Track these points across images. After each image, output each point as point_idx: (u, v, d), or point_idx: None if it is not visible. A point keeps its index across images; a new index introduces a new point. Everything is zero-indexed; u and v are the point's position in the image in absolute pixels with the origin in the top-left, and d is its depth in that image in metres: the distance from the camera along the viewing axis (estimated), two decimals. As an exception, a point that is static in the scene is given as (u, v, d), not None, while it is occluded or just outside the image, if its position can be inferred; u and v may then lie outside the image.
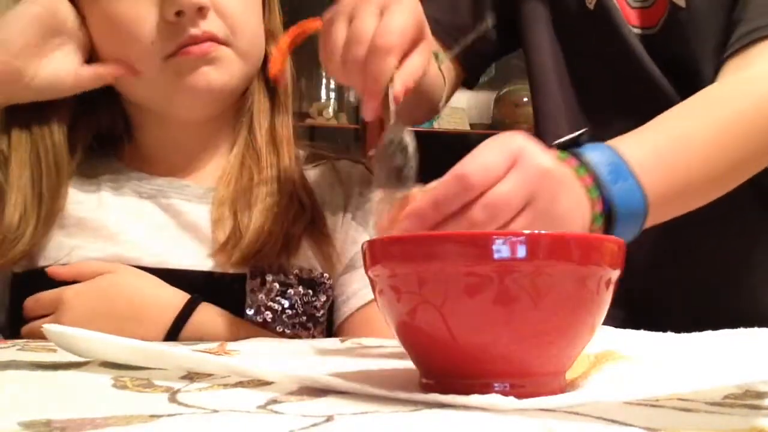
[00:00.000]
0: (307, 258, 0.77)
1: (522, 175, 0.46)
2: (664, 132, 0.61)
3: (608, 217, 0.54)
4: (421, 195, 0.48)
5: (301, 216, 0.77)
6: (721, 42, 0.72)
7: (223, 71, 0.72)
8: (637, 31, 0.78)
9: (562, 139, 0.57)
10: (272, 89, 0.81)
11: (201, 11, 0.69)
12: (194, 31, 0.69)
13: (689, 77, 0.73)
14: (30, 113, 0.73)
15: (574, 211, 0.51)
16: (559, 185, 0.49)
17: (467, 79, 0.94)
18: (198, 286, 0.71)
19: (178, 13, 0.68)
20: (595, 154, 0.55)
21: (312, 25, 0.68)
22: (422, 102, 0.83)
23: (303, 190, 0.79)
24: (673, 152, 0.59)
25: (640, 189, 0.55)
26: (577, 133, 0.58)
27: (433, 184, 0.47)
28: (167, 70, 0.70)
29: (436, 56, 0.73)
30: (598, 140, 0.63)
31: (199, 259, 0.73)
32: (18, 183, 0.71)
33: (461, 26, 0.84)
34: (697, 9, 0.74)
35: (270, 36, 0.81)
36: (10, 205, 0.70)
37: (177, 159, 0.79)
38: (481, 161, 0.46)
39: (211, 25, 0.70)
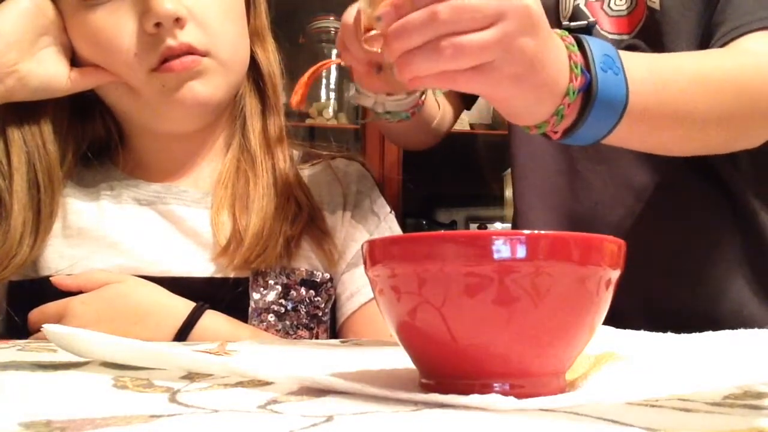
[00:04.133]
0: (308, 258, 0.77)
1: None
2: (660, 59, 0.63)
3: (584, 105, 0.54)
4: None
5: (299, 216, 0.77)
6: (691, 42, 0.75)
7: (208, 83, 0.72)
8: (614, 37, 0.80)
9: (572, 24, 0.58)
10: (262, 91, 0.81)
11: (179, 22, 0.68)
12: (171, 42, 0.69)
13: None
14: (23, 120, 0.73)
15: (549, 59, 0.52)
16: (536, 26, 0.50)
17: (463, 105, 1.02)
18: (201, 291, 0.71)
19: (157, 25, 0.68)
20: (595, 41, 0.56)
21: (333, 61, 0.70)
22: (421, 127, 0.87)
23: (300, 190, 0.79)
24: (663, 75, 0.60)
25: (626, 87, 0.55)
26: (585, 22, 0.59)
27: None
28: (153, 84, 0.70)
29: (434, 90, 0.75)
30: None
31: (201, 264, 0.73)
32: (20, 202, 0.71)
33: None
34: (668, 9, 0.77)
35: (256, 36, 0.81)
36: (12, 226, 0.70)
37: (171, 165, 0.79)
38: None
39: (188, 35, 0.69)
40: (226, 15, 0.74)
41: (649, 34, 0.78)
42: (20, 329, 0.69)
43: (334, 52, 1.81)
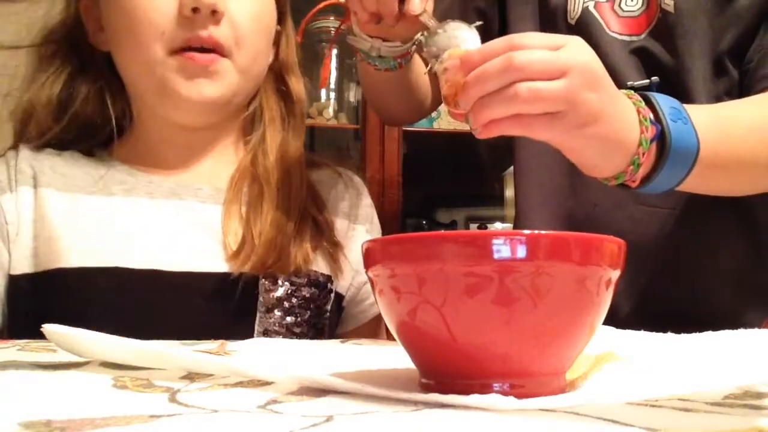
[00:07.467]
0: (317, 262, 0.78)
1: (562, 52, 0.53)
2: (718, 109, 0.68)
3: (659, 154, 0.58)
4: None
5: (313, 233, 0.78)
6: (704, 44, 0.77)
7: (219, 84, 0.73)
8: (624, 38, 0.80)
9: (635, 83, 0.63)
10: (290, 111, 0.83)
11: (215, 15, 0.70)
12: (202, 32, 0.70)
13: (671, 84, 0.75)
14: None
15: (615, 113, 0.56)
16: (599, 82, 0.55)
17: None
18: (212, 287, 0.71)
19: (195, 10, 0.69)
20: (660, 96, 0.60)
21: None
22: (404, 89, 0.87)
23: (314, 206, 0.80)
24: (724, 125, 0.64)
25: (696, 135, 0.60)
26: (647, 80, 0.62)
27: None
28: (167, 67, 0.71)
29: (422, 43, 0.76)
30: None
31: (213, 260, 0.73)
32: None
33: None
34: (682, 13, 0.78)
35: (288, 67, 0.83)
36: None
37: (182, 161, 0.79)
38: (531, 33, 0.54)
39: (219, 32, 0.71)
40: (258, 24, 0.76)
41: (661, 35, 0.79)
42: (20, 324, 0.69)
43: (335, 52, 1.81)
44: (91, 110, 0.79)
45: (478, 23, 0.66)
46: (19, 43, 0.80)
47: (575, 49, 0.54)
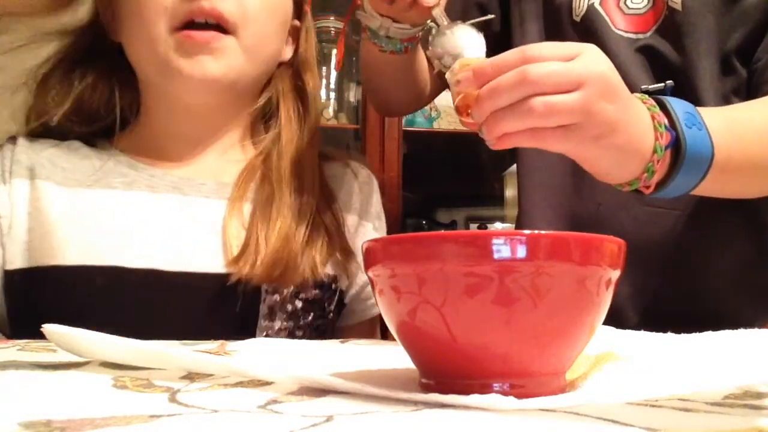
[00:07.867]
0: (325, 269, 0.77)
1: (577, 63, 0.52)
2: (731, 112, 0.68)
3: (674, 160, 0.58)
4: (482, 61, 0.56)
5: (324, 241, 0.76)
6: (711, 43, 0.77)
7: (222, 62, 0.72)
8: (630, 36, 0.80)
9: (649, 87, 0.63)
10: (305, 104, 0.82)
11: None
12: (204, 4, 0.69)
13: (678, 83, 0.75)
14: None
15: (630, 121, 0.56)
16: (614, 92, 0.54)
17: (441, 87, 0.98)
18: (213, 288, 0.70)
19: None
20: (675, 101, 0.60)
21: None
22: (407, 75, 0.86)
23: (326, 205, 0.78)
24: (738, 128, 0.64)
25: (710, 141, 0.60)
26: (662, 84, 0.62)
27: None
28: (169, 45, 0.70)
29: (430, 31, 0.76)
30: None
31: (214, 259, 0.72)
32: None
33: None
34: (689, 11, 0.78)
35: (306, 64, 0.82)
36: None
37: (186, 154, 0.78)
38: (544, 44, 0.53)
39: (224, 5, 0.70)
40: (268, 6, 0.75)
41: (667, 33, 0.78)
42: (18, 319, 0.68)
43: (334, 51, 1.81)
44: (97, 99, 0.78)
45: (491, 16, 0.66)
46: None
47: (590, 59, 0.53)
